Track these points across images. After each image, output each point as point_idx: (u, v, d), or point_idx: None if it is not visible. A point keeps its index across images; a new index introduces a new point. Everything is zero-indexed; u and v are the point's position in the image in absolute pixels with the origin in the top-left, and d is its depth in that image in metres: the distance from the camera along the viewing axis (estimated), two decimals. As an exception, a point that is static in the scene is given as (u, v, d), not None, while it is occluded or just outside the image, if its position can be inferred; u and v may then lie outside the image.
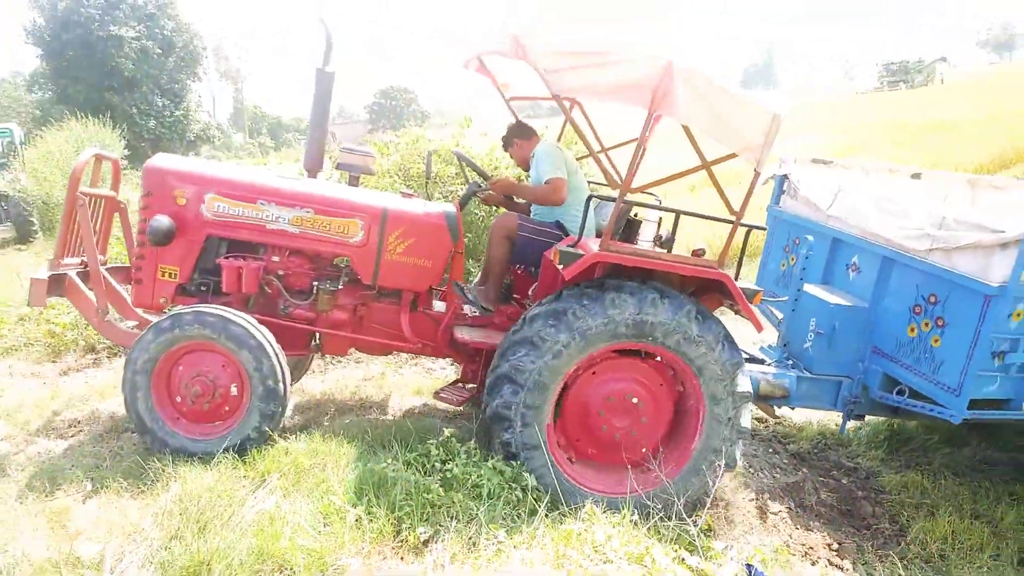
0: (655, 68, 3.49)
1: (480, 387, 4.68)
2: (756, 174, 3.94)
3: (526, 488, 3.72)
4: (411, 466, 3.66)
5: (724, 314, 4.49)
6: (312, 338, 4.90)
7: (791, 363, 5.46)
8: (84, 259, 4.66)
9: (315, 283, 4.65)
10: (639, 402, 4.16)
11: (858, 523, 4.92)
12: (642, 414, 4.19)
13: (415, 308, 4.82)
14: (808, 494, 5.12)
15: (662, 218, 4.74)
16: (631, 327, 3.87)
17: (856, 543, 4.61)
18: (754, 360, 5.42)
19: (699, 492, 4.15)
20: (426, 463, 3.73)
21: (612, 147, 5.19)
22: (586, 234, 4.29)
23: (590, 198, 4.16)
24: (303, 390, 5.71)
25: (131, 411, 4.04)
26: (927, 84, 46.33)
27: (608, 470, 4.22)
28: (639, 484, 4.06)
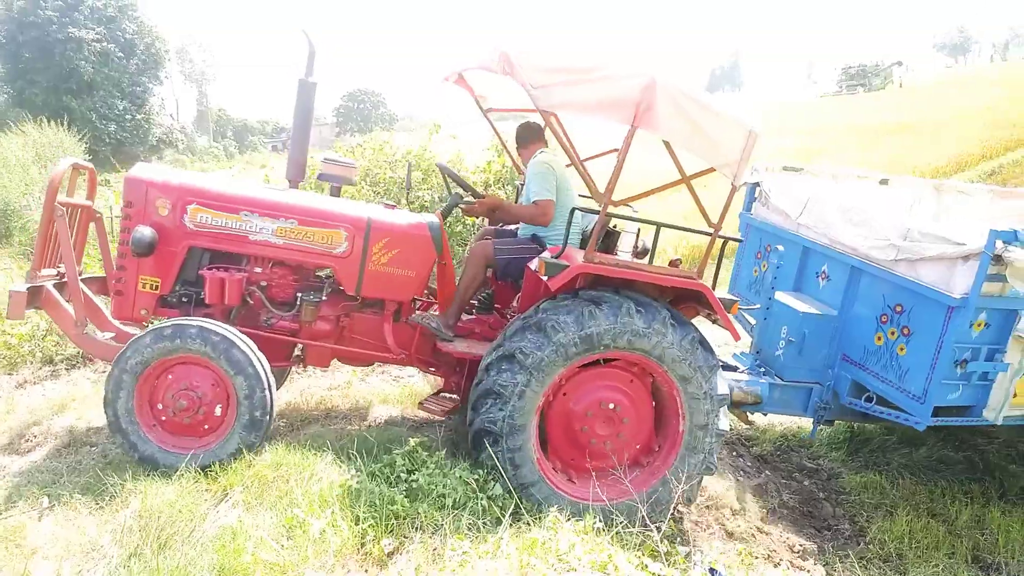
0: (638, 85, 3.57)
1: (463, 397, 4.71)
2: (733, 188, 4.03)
3: (492, 497, 3.73)
4: (376, 477, 3.65)
5: (702, 324, 4.57)
6: (293, 349, 4.86)
7: (763, 370, 5.56)
8: (60, 270, 4.57)
9: (299, 294, 4.62)
10: (616, 406, 4.22)
11: (819, 524, 5.02)
12: (624, 415, 4.26)
13: (398, 318, 4.81)
14: (771, 496, 5.22)
15: (640, 229, 4.81)
16: (605, 338, 3.93)
17: (817, 544, 4.70)
18: (727, 367, 5.50)
19: (700, 469, 4.26)
20: (391, 473, 3.71)
21: (588, 158, 5.22)
22: (559, 243, 4.34)
23: (573, 210, 4.20)
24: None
25: (109, 408, 3.97)
26: (884, 87, 47.40)
27: (607, 478, 4.24)
28: (643, 481, 4.19)
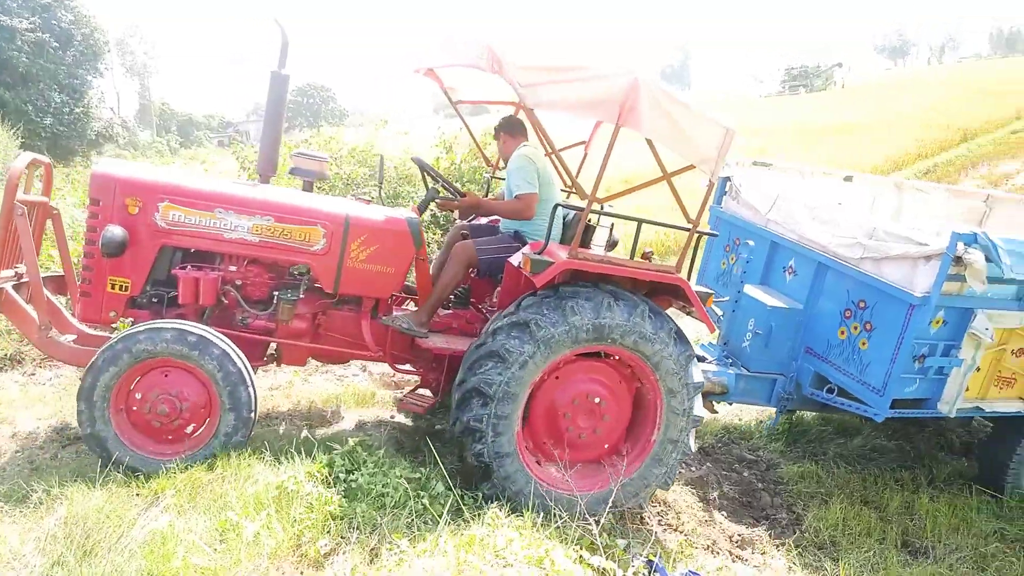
0: (623, 84, 3.68)
1: (442, 393, 4.72)
2: (711, 184, 4.15)
3: (433, 496, 3.72)
4: (314, 477, 3.60)
5: (677, 316, 4.66)
6: (267, 348, 4.74)
7: (730, 361, 5.71)
8: (17, 270, 4.38)
9: (275, 293, 4.50)
10: (601, 401, 4.30)
11: (758, 514, 5.13)
12: (605, 412, 4.33)
13: (375, 315, 4.73)
14: (711, 488, 5.31)
15: (614, 223, 4.87)
16: (590, 332, 3.99)
17: (756, 533, 4.81)
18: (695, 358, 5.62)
19: (661, 481, 4.39)
20: (330, 474, 3.67)
21: (562, 148, 5.26)
22: (542, 238, 4.35)
23: (556, 207, 4.22)
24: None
25: (87, 384, 3.81)
26: (826, 88, 48.80)
27: (577, 470, 4.32)
28: (605, 480, 4.25)
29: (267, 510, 3.26)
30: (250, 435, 4.02)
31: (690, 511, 4.86)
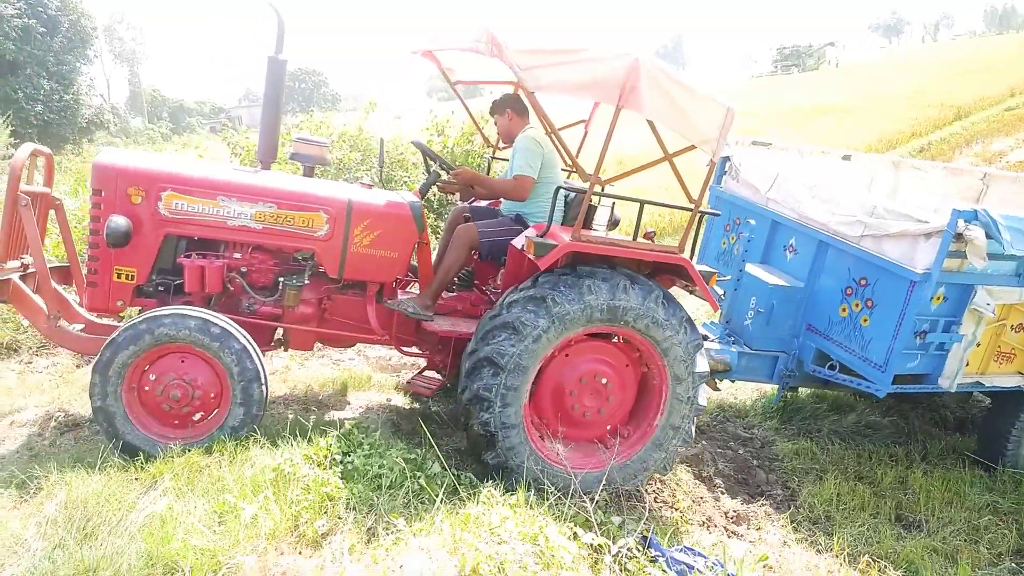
0: (623, 65, 3.66)
1: (448, 375, 4.78)
2: (712, 164, 4.15)
3: (430, 476, 3.75)
4: (311, 460, 3.62)
5: (681, 296, 4.72)
6: (274, 333, 4.76)
7: (732, 339, 5.78)
8: (24, 261, 4.39)
9: (280, 279, 4.53)
10: (608, 382, 4.36)
11: (753, 490, 5.19)
12: (610, 393, 4.39)
13: (380, 299, 4.75)
14: (707, 465, 5.36)
15: (615, 203, 4.89)
16: (604, 312, 4.03)
17: (751, 509, 4.86)
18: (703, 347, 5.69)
19: (660, 465, 4.45)
20: (326, 456, 3.69)
21: (562, 128, 5.26)
22: (543, 220, 4.39)
23: (558, 189, 4.22)
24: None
25: (104, 359, 3.79)
26: (818, 68, 48.59)
27: (576, 448, 4.40)
28: (603, 461, 4.29)
29: (265, 492, 3.28)
30: (254, 430, 4.04)
31: (685, 488, 4.91)
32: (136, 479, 3.59)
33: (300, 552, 3.01)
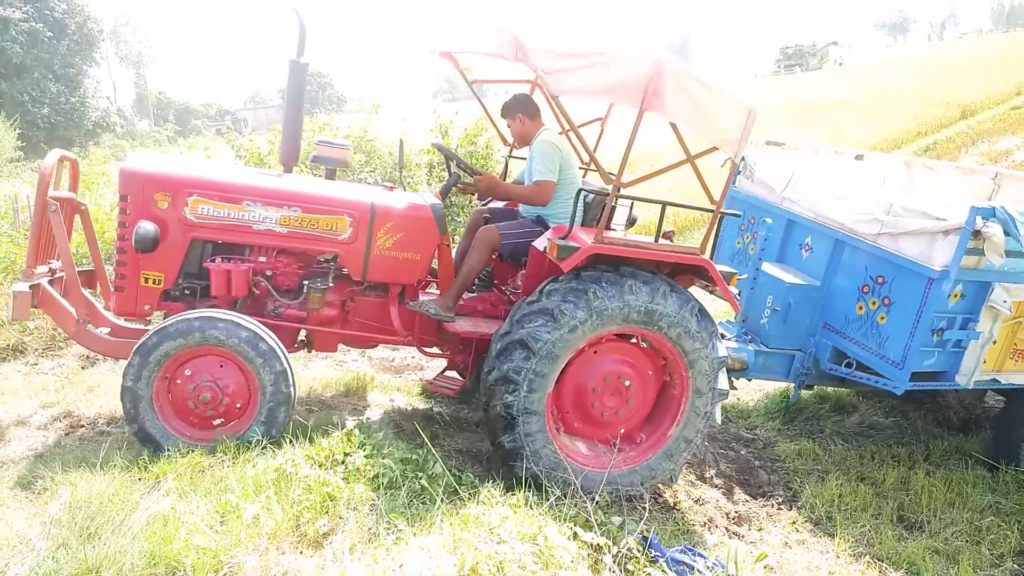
0: (646, 67, 3.68)
1: (469, 375, 4.84)
2: (733, 164, 4.19)
3: (432, 476, 3.77)
4: (312, 460, 3.64)
5: (700, 296, 4.74)
6: (297, 335, 4.80)
7: (749, 337, 5.80)
8: (51, 266, 4.46)
9: (305, 282, 4.58)
10: (631, 385, 4.39)
11: (755, 491, 5.18)
12: (631, 396, 4.42)
13: (403, 300, 4.79)
14: (709, 466, 5.36)
15: (632, 202, 4.90)
16: (641, 314, 4.08)
17: (753, 510, 4.86)
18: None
19: (667, 475, 4.48)
20: (328, 456, 3.71)
21: (580, 125, 5.29)
22: (563, 221, 4.45)
23: (579, 192, 4.23)
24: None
25: (150, 344, 3.84)
26: (821, 67, 48.54)
27: (590, 446, 4.46)
28: (619, 461, 4.35)
29: (266, 492, 3.31)
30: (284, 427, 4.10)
31: (687, 489, 4.91)
32: (140, 479, 3.63)
33: (301, 552, 3.03)
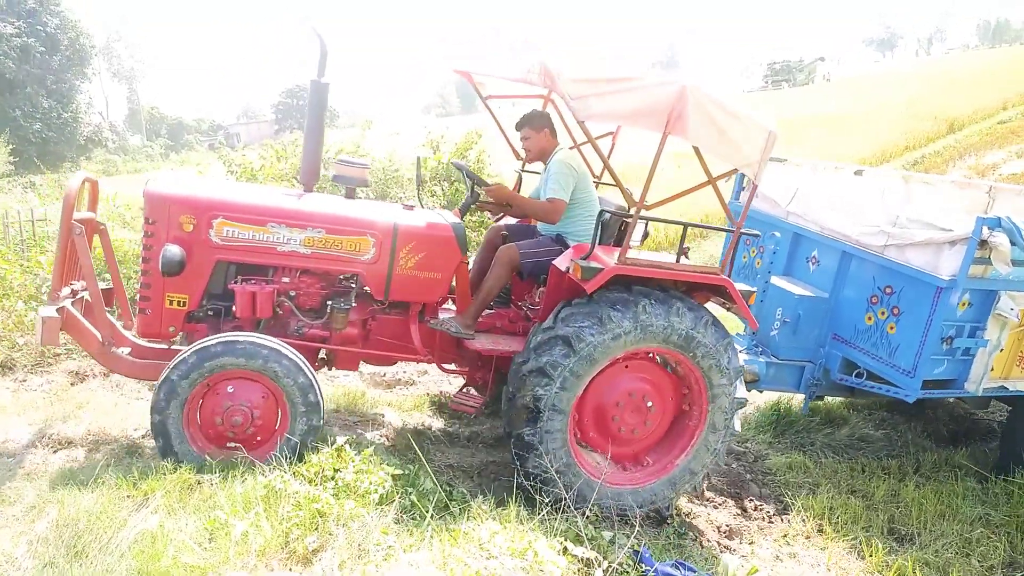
0: (670, 93, 3.77)
1: (489, 391, 4.91)
2: (754, 186, 4.25)
3: (422, 492, 3.76)
4: (302, 476, 3.63)
5: (716, 309, 4.80)
6: (318, 353, 4.80)
7: (759, 349, 5.88)
8: (73, 287, 4.46)
9: (328, 302, 4.60)
10: (652, 406, 4.45)
11: (746, 504, 5.18)
12: (650, 419, 4.49)
13: (423, 318, 4.81)
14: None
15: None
16: (682, 338, 4.18)
17: (744, 523, 4.86)
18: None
19: (667, 501, 4.54)
20: (318, 473, 3.70)
21: (583, 143, 5.36)
22: (582, 240, 4.64)
23: (601, 213, 4.28)
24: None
25: (192, 361, 3.83)
26: (808, 83, 48.98)
27: (599, 457, 4.50)
28: (618, 478, 4.42)
29: (255, 509, 3.29)
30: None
31: (678, 502, 4.91)
32: (128, 496, 3.61)
33: (290, 568, 3.02)
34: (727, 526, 4.78)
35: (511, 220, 5.51)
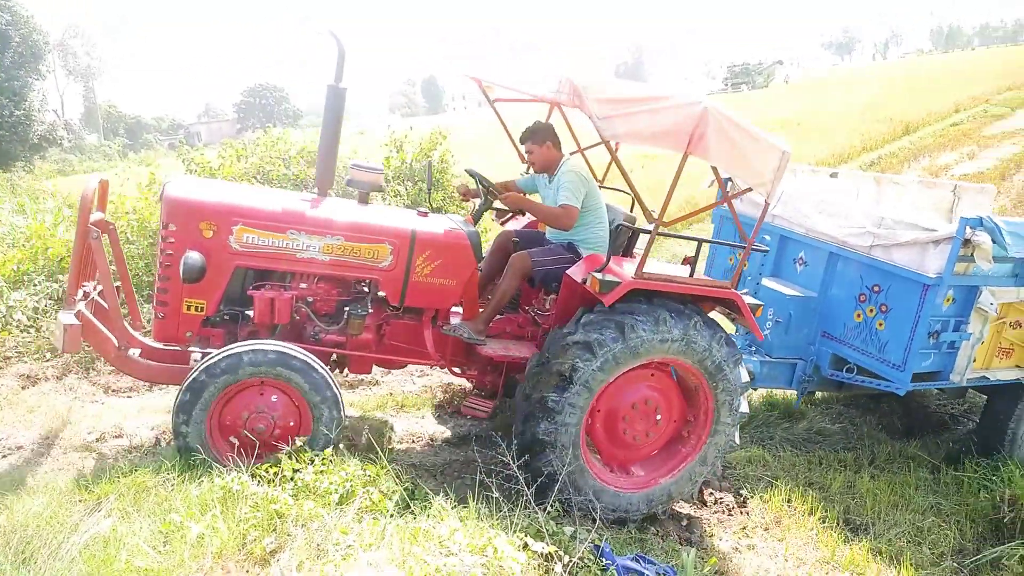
0: (692, 113, 3.84)
1: (500, 395, 5.07)
2: (766, 204, 4.34)
3: (383, 491, 3.74)
4: (260, 477, 3.59)
5: (721, 319, 4.96)
6: (330, 356, 4.76)
7: (753, 349, 6.04)
8: (84, 290, 4.37)
9: (345, 308, 4.59)
10: (660, 417, 4.56)
11: (706, 498, 5.25)
12: (655, 430, 4.58)
13: (435, 323, 4.82)
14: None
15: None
16: (698, 352, 4.30)
17: (704, 517, 4.93)
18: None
19: (635, 515, 4.58)
20: (276, 473, 3.66)
21: (588, 147, 5.47)
22: (593, 248, 4.78)
23: (619, 227, 4.33)
24: (155, 407, 5.44)
25: (222, 366, 3.82)
26: (767, 85, 49.83)
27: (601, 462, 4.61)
28: (605, 477, 4.49)
29: (212, 511, 3.25)
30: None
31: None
32: (80, 500, 3.54)
33: (247, 570, 2.98)
34: (687, 519, 4.84)
35: (516, 224, 5.56)
